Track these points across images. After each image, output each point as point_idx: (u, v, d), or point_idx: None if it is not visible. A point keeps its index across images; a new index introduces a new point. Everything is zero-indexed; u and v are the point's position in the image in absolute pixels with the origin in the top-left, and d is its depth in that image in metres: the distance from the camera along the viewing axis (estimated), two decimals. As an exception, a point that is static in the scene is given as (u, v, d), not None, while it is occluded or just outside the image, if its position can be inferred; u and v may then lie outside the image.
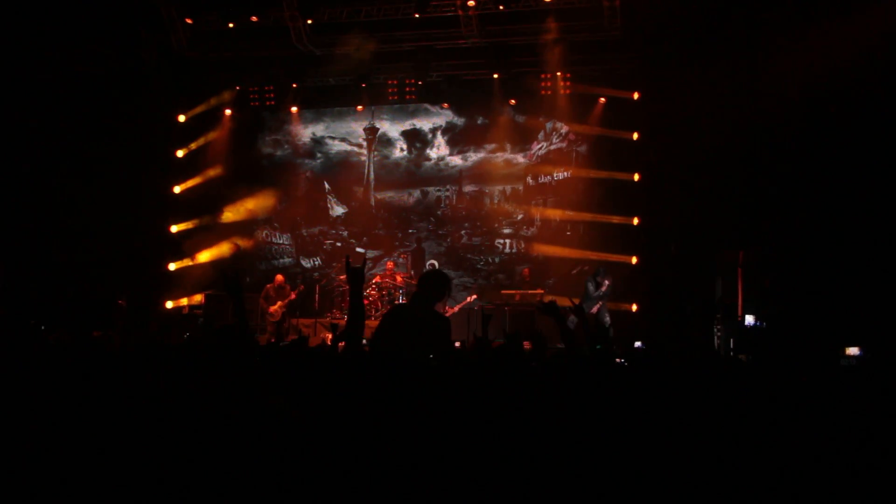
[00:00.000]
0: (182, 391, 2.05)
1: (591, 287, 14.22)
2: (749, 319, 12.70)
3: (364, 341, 6.18)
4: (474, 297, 14.76)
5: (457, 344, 9.25)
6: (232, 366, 3.20)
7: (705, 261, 14.09)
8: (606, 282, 14.22)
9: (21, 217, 14.75)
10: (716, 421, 3.25)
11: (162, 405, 2.07)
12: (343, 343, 4.90)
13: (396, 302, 15.23)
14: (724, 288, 13.51)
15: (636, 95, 15.94)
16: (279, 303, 15.17)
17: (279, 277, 15.63)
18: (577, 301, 5.61)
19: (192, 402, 1.94)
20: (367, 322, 14.16)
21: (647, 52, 15.09)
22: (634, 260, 15.59)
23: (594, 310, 14.01)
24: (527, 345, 10.69)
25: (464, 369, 4.19)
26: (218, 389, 1.96)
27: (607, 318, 14.10)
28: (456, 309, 14.48)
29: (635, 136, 15.90)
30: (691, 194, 14.11)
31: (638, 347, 12.96)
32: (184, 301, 17.25)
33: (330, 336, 13.60)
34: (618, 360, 8.43)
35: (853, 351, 9.97)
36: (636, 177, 15.79)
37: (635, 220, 15.73)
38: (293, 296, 15.36)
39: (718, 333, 13.38)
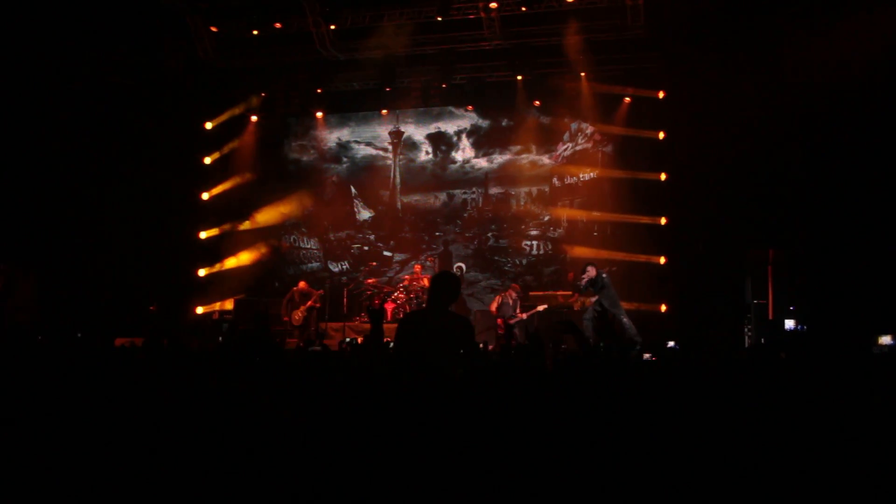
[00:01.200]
0: (200, 395, 2.07)
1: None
2: (789, 324, 12.57)
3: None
4: (545, 306, 14.65)
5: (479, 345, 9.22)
6: (250, 370, 3.22)
7: (734, 260, 13.97)
8: (584, 277, 13.79)
9: (52, 225, 14.92)
10: (749, 416, 3.22)
11: (177, 409, 2.09)
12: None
13: (424, 305, 15.23)
14: (754, 287, 13.37)
15: (661, 94, 15.85)
16: (302, 307, 15.25)
17: (302, 284, 15.69)
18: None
19: (206, 406, 1.96)
20: (394, 324, 14.26)
21: (671, 51, 14.99)
22: (662, 260, 15.48)
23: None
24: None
25: (487, 372, 4.18)
26: (235, 393, 1.98)
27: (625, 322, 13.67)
28: (524, 316, 14.46)
29: (661, 135, 15.80)
30: (719, 193, 13.99)
31: (671, 347, 12.88)
32: (216, 306, 17.40)
33: (360, 339, 13.66)
34: (646, 355, 8.40)
35: (886, 340, 9.87)
36: (663, 176, 15.69)
37: (663, 220, 15.62)
38: (310, 303, 15.41)
39: (749, 334, 13.27)
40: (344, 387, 3.34)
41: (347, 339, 13.35)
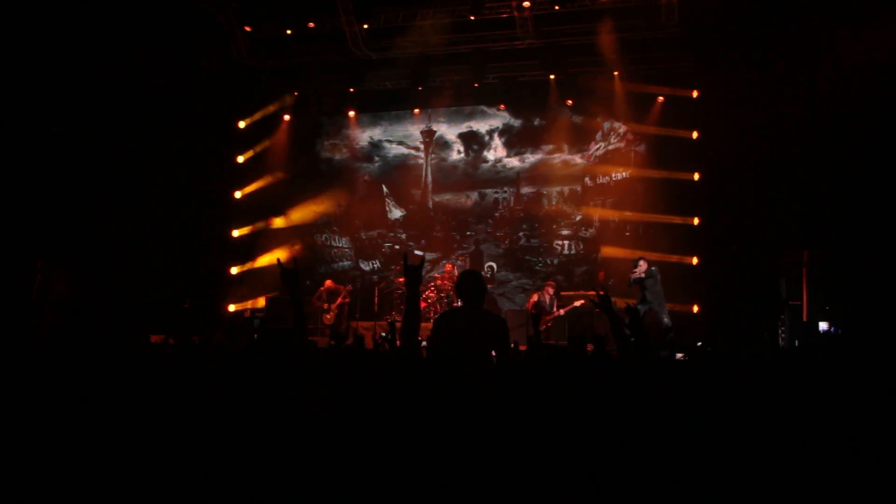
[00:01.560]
0: (230, 394, 2.09)
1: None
2: (823, 326, 12.41)
3: (423, 343, 6.19)
4: (582, 301, 14.66)
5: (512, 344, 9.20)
6: (282, 370, 3.23)
7: (768, 261, 13.82)
8: (636, 271, 13.87)
9: (88, 225, 15.10)
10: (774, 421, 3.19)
11: (205, 408, 2.11)
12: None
13: (455, 304, 15.22)
14: (789, 288, 13.23)
15: (695, 93, 15.71)
16: (333, 305, 15.34)
17: (328, 282, 15.78)
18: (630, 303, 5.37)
19: (234, 406, 1.98)
20: (424, 324, 14.29)
21: (705, 50, 14.86)
22: (695, 260, 15.35)
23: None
24: (589, 346, 10.60)
25: (519, 371, 4.17)
26: (267, 393, 2.00)
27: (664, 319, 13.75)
28: (562, 312, 14.46)
29: (695, 134, 15.67)
30: (753, 193, 13.86)
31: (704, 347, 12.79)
32: (248, 304, 17.54)
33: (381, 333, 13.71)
34: (679, 355, 8.33)
35: None
36: (696, 176, 15.56)
37: (696, 220, 15.49)
38: (340, 300, 15.50)
39: (783, 334, 13.13)
40: (377, 386, 3.35)
41: (383, 334, 13.37)
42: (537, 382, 3.79)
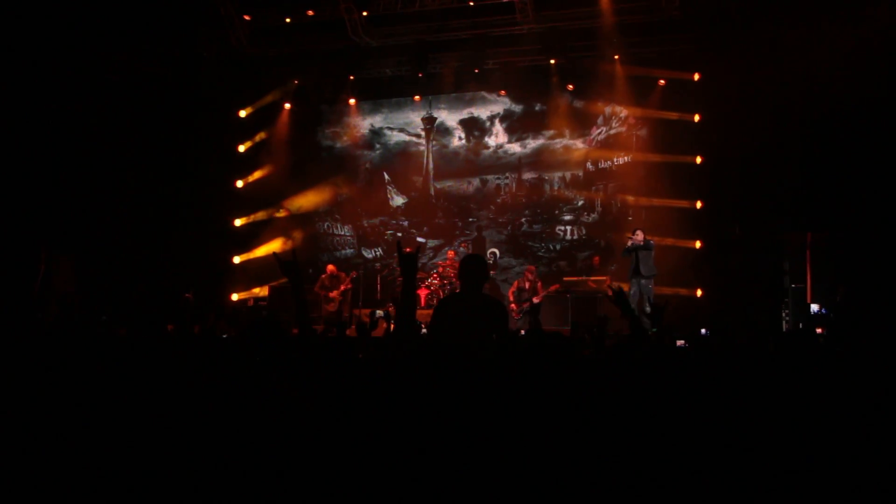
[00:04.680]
0: (223, 383, 2.08)
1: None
2: (814, 307, 12.39)
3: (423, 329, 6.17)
4: (556, 286, 14.67)
5: (521, 332, 9.16)
6: (272, 357, 3.22)
7: (771, 244, 13.80)
8: (632, 239, 13.86)
9: (90, 215, 15.12)
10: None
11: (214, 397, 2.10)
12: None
13: (457, 290, 15.21)
14: (792, 271, 13.20)
15: (696, 76, 15.62)
16: (335, 292, 15.31)
17: (330, 267, 15.76)
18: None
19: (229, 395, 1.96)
20: (427, 311, 14.28)
21: (706, 32, 14.78)
22: (698, 244, 15.32)
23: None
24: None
25: (517, 359, 4.14)
26: (256, 383, 1.98)
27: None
28: (535, 300, 14.43)
29: (696, 117, 15.61)
30: (756, 175, 13.82)
31: (704, 334, 12.75)
32: (255, 292, 17.54)
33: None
34: (679, 342, 8.29)
35: None
36: (698, 159, 15.51)
37: (698, 204, 15.45)
38: (343, 286, 15.45)
39: (787, 317, 13.12)
40: (375, 372, 3.32)
41: (380, 313, 13.31)
42: (539, 369, 3.77)
